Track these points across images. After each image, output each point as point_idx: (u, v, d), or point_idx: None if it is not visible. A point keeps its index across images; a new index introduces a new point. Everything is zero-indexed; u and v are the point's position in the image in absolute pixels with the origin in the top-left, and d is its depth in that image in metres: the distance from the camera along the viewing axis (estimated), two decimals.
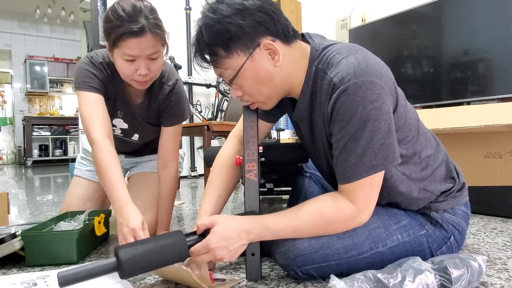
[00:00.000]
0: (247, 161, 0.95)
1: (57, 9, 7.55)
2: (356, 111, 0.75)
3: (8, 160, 7.94)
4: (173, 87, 1.29)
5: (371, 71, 0.76)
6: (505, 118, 1.41)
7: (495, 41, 1.92)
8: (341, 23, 3.00)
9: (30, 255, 1.09)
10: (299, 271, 0.86)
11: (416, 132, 0.89)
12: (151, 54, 1.09)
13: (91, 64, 1.19)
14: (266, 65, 0.82)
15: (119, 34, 1.04)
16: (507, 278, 0.89)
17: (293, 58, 0.85)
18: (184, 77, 3.58)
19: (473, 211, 1.47)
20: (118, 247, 0.73)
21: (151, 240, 0.77)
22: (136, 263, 0.72)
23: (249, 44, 0.80)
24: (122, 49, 1.06)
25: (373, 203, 0.83)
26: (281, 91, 0.88)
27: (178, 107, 1.31)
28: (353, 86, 0.75)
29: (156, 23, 1.08)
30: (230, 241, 0.78)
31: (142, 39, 1.05)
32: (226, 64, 0.83)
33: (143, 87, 1.17)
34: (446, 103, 2.07)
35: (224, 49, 0.81)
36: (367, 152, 0.77)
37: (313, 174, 1.23)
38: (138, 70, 1.09)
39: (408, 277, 0.74)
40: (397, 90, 0.85)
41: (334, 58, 0.81)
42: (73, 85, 1.22)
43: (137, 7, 1.06)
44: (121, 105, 1.31)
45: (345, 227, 0.84)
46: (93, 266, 0.71)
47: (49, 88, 8.09)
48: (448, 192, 0.94)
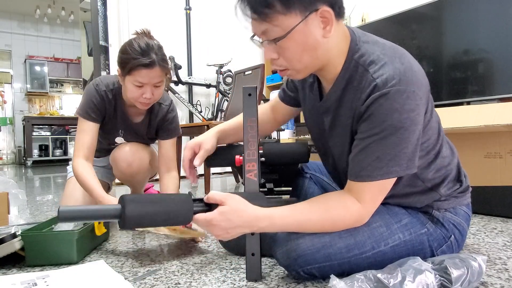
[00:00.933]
0: (247, 161, 0.95)
1: (57, 9, 7.55)
2: (391, 117, 0.75)
3: (8, 160, 7.94)
4: (170, 106, 1.56)
5: (416, 81, 0.76)
6: (505, 118, 1.41)
7: (495, 41, 1.92)
8: None
9: (30, 255, 1.09)
10: (301, 271, 0.86)
11: (437, 135, 0.89)
12: (157, 83, 1.33)
13: (96, 93, 1.43)
14: (316, 33, 0.78)
15: (134, 65, 1.27)
16: (507, 278, 0.89)
17: (338, 35, 0.82)
18: (184, 77, 3.58)
19: (473, 211, 1.47)
20: (126, 197, 0.73)
21: (159, 200, 0.77)
22: (139, 220, 0.73)
23: (308, 6, 0.75)
24: (134, 77, 1.30)
25: (376, 206, 0.84)
26: (319, 64, 0.84)
27: (175, 123, 1.57)
28: (395, 91, 0.74)
29: (163, 58, 1.33)
30: (232, 225, 0.79)
31: (151, 70, 1.29)
32: (279, 20, 0.76)
33: (146, 108, 1.43)
34: (446, 103, 2.07)
35: (283, 3, 0.74)
36: (387, 157, 0.77)
37: (314, 175, 1.23)
38: (144, 94, 1.33)
39: (408, 277, 0.74)
40: (429, 95, 0.85)
41: (378, 58, 0.79)
42: (77, 108, 1.45)
43: (150, 45, 1.30)
44: (121, 124, 1.53)
45: (348, 226, 0.85)
46: (96, 208, 0.71)
47: (49, 88, 8.09)
48: (452, 192, 0.94)
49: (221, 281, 0.93)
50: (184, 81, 3.54)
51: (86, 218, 0.71)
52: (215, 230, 0.80)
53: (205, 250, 1.21)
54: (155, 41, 1.35)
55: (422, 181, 0.90)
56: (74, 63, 8.35)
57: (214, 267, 1.04)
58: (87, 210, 0.70)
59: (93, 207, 0.71)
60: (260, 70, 2.57)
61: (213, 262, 1.09)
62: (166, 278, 0.97)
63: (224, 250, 1.19)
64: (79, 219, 0.70)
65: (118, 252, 1.22)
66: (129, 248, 1.27)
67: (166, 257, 1.15)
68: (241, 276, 0.96)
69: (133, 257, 1.16)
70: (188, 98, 3.76)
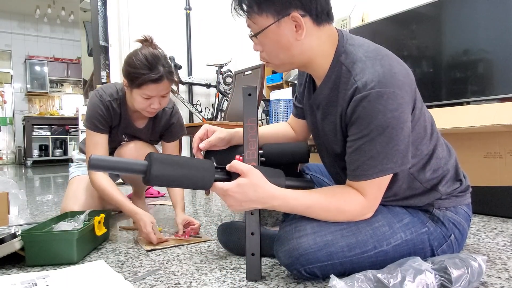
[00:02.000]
0: (247, 161, 0.95)
1: (57, 9, 7.56)
2: (376, 117, 0.79)
3: (8, 160, 7.94)
4: (172, 109, 1.58)
5: (395, 82, 0.79)
6: (505, 118, 1.41)
7: (495, 41, 1.92)
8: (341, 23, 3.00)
9: (30, 255, 1.09)
10: (302, 270, 0.86)
11: (429, 133, 0.91)
12: (164, 94, 1.38)
13: (101, 104, 1.45)
14: (288, 35, 0.86)
15: (143, 81, 1.30)
16: (507, 278, 0.89)
17: (318, 38, 0.88)
18: (184, 77, 3.58)
19: (473, 211, 1.47)
20: (154, 156, 0.77)
21: (183, 163, 0.80)
22: (162, 179, 0.78)
23: (280, 10, 0.84)
24: (143, 90, 1.33)
25: (378, 202, 0.87)
26: (297, 62, 0.91)
27: (179, 125, 1.60)
28: (375, 93, 0.78)
29: (170, 71, 1.35)
30: (246, 199, 0.82)
31: (160, 85, 1.33)
32: (256, 19, 0.88)
33: (152, 115, 1.46)
34: (446, 103, 2.07)
35: (257, 6, 0.86)
36: (380, 156, 0.81)
37: (314, 176, 1.23)
38: (152, 105, 1.37)
39: (408, 277, 0.74)
40: (416, 94, 0.87)
41: (360, 60, 0.84)
42: (84, 120, 1.48)
43: (156, 57, 1.32)
44: (125, 130, 1.57)
45: (351, 216, 0.86)
46: (124, 161, 0.77)
47: (49, 88, 8.10)
48: (452, 191, 0.95)
49: (221, 281, 0.93)
50: (184, 81, 3.55)
51: (114, 169, 0.75)
52: (229, 200, 0.83)
53: (205, 250, 1.21)
54: (159, 50, 1.37)
55: (420, 182, 0.92)
56: (74, 63, 8.36)
57: (214, 267, 1.04)
58: (117, 162, 0.76)
59: (122, 160, 0.77)
60: (260, 70, 2.57)
61: (213, 262, 1.09)
62: (166, 278, 0.97)
63: (224, 250, 1.19)
64: (108, 169, 0.75)
65: (118, 252, 1.22)
66: (129, 248, 1.27)
67: (166, 257, 1.15)
68: (241, 276, 0.96)
69: (133, 257, 1.16)
70: (188, 98, 3.76)
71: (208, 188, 0.84)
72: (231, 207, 0.84)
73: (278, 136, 1.19)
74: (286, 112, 2.57)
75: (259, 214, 0.93)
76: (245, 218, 0.93)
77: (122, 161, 0.77)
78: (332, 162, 1.02)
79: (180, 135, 1.63)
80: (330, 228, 0.86)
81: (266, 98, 3.49)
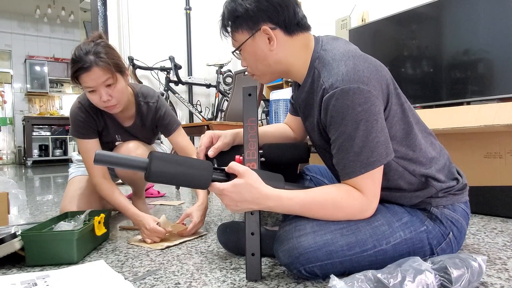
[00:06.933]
0: (247, 161, 0.95)
1: (57, 9, 7.55)
2: (347, 113, 0.82)
3: (8, 160, 7.94)
4: (157, 103, 1.55)
5: (358, 78, 0.82)
6: (505, 118, 1.41)
7: (495, 41, 1.92)
8: (341, 23, 3.00)
9: (30, 255, 1.09)
10: (302, 269, 0.86)
11: (411, 128, 0.92)
12: (105, 81, 1.30)
13: (81, 111, 1.44)
14: (263, 46, 0.94)
15: (75, 74, 1.28)
16: (507, 278, 0.89)
17: (291, 47, 0.95)
18: (184, 77, 3.58)
19: (473, 211, 1.47)
20: (154, 154, 0.81)
21: (183, 162, 0.84)
22: (161, 176, 0.81)
23: (252, 26, 0.92)
24: (83, 84, 1.30)
25: (377, 199, 0.87)
26: (275, 71, 0.98)
27: (169, 116, 1.57)
28: (340, 91, 0.82)
29: (101, 57, 1.28)
30: (241, 199, 0.84)
31: (91, 73, 1.27)
32: (235, 36, 0.97)
33: (115, 111, 1.40)
34: (446, 103, 2.07)
35: (233, 24, 0.95)
36: (363, 150, 0.83)
37: (314, 177, 1.24)
38: (101, 98, 1.31)
39: (408, 277, 0.74)
40: (389, 89, 0.89)
41: (328, 63, 0.89)
42: (69, 130, 1.49)
43: (87, 49, 1.28)
44: (116, 130, 1.56)
45: (350, 214, 0.87)
46: (127, 157, 0.81)
47: (49, 88, 8.08)
48: (449, 189, 0.95)
49: (221, 281, 0.93)
50: (184, 81, 3.55)
51: (117, 164, 0.79)
52: (225, 199, 0.85)
53: (205, 250, 1.21)
54: (97, 41, 1.32)
55: (411, 174, 0.92)
56: None
57: (214, 267, 1.04)
58: (120, 158, 0.79)
59: (125, 157, 0.81)
60: None
61: (213, 262, 1.09)
62: (166, 278, 0.97)
63: (224, 250, 1.19)
64: (111, 164, 0.79)
65: (118, 252, 1.22)
66: (129, 248, 1.27)
67: (166, 257, 1.15)
68: (241, 276, 0.96)
69: (133, 257, 1.16)
70: (188, 98, 3.76)
71: (205, 187, 0.86)
72: (228, 207, 0.86)
73: (278, 136, 1.20)
74: (286, 112, 2.57)
75: (259, 214, 0.93)
76: (245, 218, 0.93)
77: (125, 158, 0.80)
78: (327, 159, 1.04)
79: (176, 125, 1.60)
80: (330, 227, 0.86)
81: (266, 98, 3.49)
